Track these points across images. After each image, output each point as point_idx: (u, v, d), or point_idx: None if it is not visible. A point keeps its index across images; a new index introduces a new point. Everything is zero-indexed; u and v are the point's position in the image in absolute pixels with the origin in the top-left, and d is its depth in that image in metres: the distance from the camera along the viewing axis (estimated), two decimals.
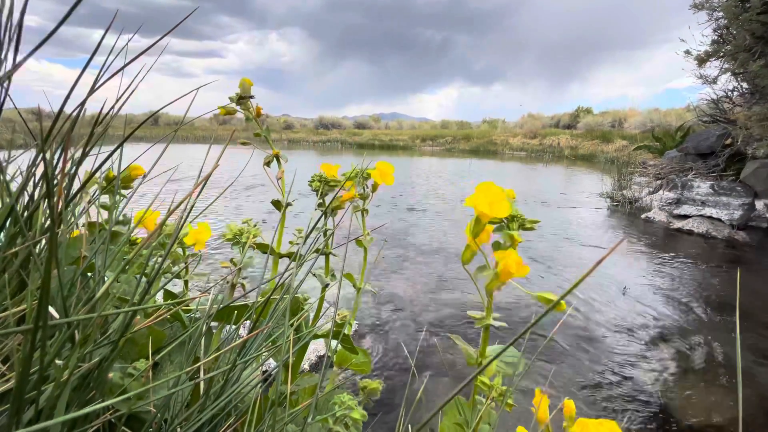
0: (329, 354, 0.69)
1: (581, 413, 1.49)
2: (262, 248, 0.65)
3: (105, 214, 0.68)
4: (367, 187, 0.67)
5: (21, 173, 0.51)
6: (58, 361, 0.36)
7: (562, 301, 0.48)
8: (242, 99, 0.64)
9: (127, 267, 0.38)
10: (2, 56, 0.47)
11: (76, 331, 0.39)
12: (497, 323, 0.46)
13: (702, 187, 4.53)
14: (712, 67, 4.79)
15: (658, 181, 5.60)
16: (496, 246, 0.43)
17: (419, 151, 17.37)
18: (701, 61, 4.76)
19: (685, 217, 4.57)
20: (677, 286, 2.76)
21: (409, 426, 0.47)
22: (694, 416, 1.47)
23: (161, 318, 0.41)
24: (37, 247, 0.48)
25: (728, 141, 4.78)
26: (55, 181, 0.43)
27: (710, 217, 4.39)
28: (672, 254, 3.52)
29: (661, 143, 6.99)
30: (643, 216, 4.99)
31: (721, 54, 4.43)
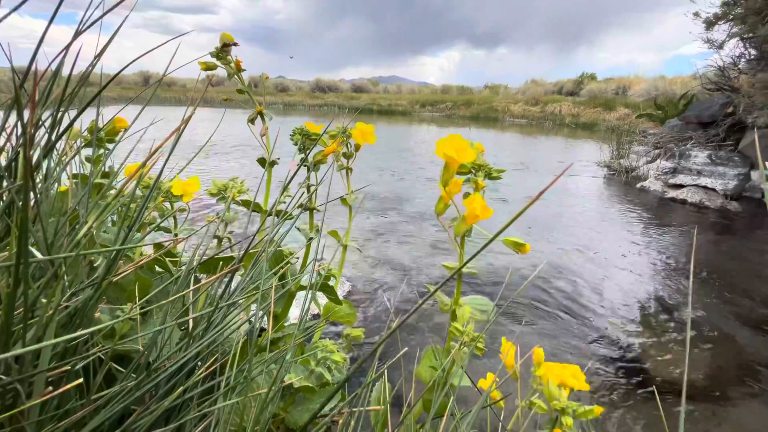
0: (315, 306, 0.71)
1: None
2: (246, 204, 0.66)
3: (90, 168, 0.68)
4: (351, 146, 0.67)
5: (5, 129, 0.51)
6: (43, 300, 0.38)
7: (527, 244, 0.50)
8: (222, 51, 0.63)
9: (105, 212, 0.39)
10: None
11: (60, 273, 0.41)
12: (468, 271, 0.48)
13: (699, 156, 4.51)
14: (720, 31, 4.64)
15: (657, 150, 5.57)
16: (466, 196, 0.44)
17: (418, 117, 17.05)
18: (710, 24, 4.60)
19: (680, 186, 4.58)
20: (663, 252, 2.82)
21: (386, 368, 0.50)
22: (664, 372, 1.55)
23: (144, 262, 0.43)
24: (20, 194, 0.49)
25: (730, 110, 4.71)
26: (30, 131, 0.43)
27: (705, 187, 4.41)
28: (662, 222, 3.57)
29: (663, 111, 6.89)
30: (638, 185, 5.00)
31: (731, 17, 4.28)
